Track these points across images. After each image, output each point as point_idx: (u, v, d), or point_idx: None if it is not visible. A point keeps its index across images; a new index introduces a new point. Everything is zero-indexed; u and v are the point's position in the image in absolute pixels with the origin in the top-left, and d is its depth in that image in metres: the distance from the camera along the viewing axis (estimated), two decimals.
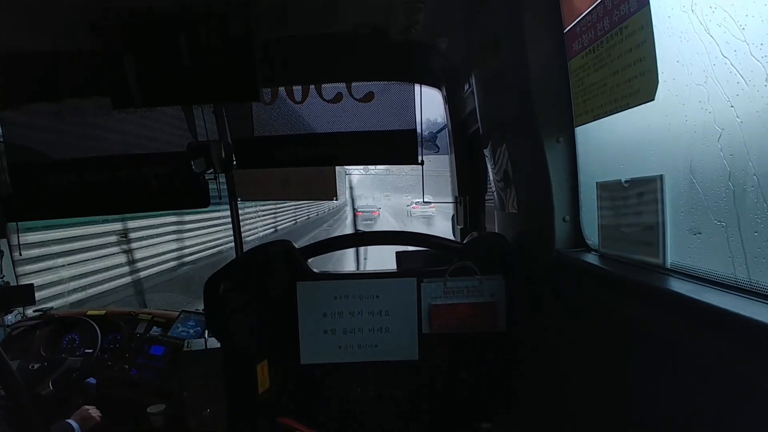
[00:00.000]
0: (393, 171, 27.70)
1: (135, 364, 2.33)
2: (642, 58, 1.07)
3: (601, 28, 1.21)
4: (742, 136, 0.92)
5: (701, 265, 1.05)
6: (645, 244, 1.19)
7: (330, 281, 1.82)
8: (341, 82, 2.38)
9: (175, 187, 2.46)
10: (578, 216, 1.53)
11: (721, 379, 0.85)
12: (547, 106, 1.49)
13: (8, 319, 2.55)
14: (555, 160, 1.50)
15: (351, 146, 2.44)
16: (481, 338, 1.80)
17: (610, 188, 1.33)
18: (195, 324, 2.47)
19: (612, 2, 1.15)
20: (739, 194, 0.94)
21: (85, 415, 2.00)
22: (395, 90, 2.38)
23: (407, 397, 1.84)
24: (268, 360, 1.78)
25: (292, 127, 2.47)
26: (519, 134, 1.68)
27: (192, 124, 2.41)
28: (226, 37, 1.86)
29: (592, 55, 1.27)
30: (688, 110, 1.04)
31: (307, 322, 1.81)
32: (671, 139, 1.12)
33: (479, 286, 1.79)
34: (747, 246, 0.93)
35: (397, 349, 1.81)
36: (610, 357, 1.27)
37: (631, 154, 1.30)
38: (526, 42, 1.48)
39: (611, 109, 1.22)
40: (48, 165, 2.43)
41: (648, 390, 1.08)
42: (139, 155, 2.45)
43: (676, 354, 0.97)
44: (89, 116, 2.45)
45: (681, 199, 1.11)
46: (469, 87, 2.22)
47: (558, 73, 1.45)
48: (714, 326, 0.86)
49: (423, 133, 2.50)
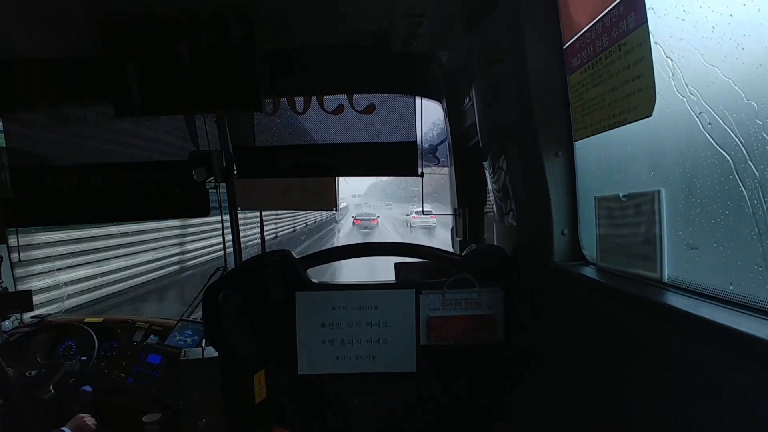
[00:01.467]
0: (394, 180, 27.80)
1: (131, 373, 2.31)
2: (640, 75, 1.08)
3: (600, 45, 1.23)
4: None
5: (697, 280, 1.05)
6: (643, 258, 1.20)
7: (328, 292, 1.82)
8: (342, 94, 2.40)
9: (176, 195, 2.47)
10: (576, 229, 1.54)
11: (717, 392, 0.86)
12: (546, 119, 1.50)
13: (5, 326, 2.54)
14: (554, 173, 1.51)
15: (351, 157, 2.45)
16: (479, 350, 1.79)
17: (608, 202, 1.34)
18: (192, 333, 2.46)
19: (611, 20, 1.17)
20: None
21: (80, 423, 1.98)
22: (396, 102, 2.40)
23: (404, 408, 1.83)
24: (266, 370, 1.77)
25: (294, 138, 2.48)
26: (518, 147, 1.69)
27: (194, 132, 2.42)
28: (229, 47, 1.88)
29: (591, 71, 1.29)
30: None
31: (305, 332, 1.81)
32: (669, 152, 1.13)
33: (477, 299, 1.79)
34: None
35: (395, 360, 1.81)
36: (607, 369, 1.27)
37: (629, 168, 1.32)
38: (526, 56, 1.50)
39: (609, 124, 1.23)
40: (49, 171, 2.44)
41: (644, 402, 1.08)
42: (140, 163, 2.47)
43: (673, 367, 0.98)
44: (91, 123, 2.46)
45: (678, 213, 1.11)
46: (470, 100, 2.23)
47: (557, 88, 1.47)
48: (710, 340, 0.87)
49: (423, 145, 2.51)
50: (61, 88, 2.29)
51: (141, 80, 1.91)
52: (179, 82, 1.91)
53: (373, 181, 64.41)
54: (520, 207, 1.77)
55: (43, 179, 2.44)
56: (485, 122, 1.99)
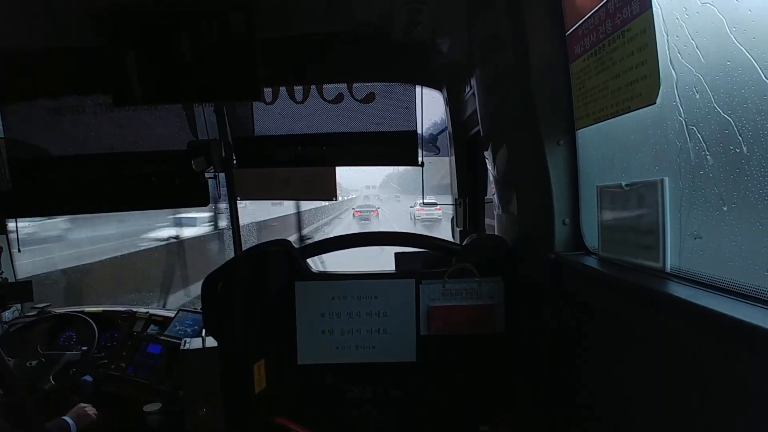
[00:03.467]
0: (411, 170, 27.12)
1: (132, 363, 2.31)
2: (644, 62, 1.07)
3: (603, 31, 1.21)
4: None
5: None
6: (645, 247, 1.18)
7: (328, 281, 1.82)
8: (342, 83, 2.38)
9: (175, 185, 2.46)
10: (578, 219, 1.53)
11: (719, 382, 0.85)
12: (548, 108, 1.49)
13: (5, 316, 2.55)
14: (556, 162, 1.50)
15: (351, 147, 2.43)
16: (479, 340, 1.79)
17: (610, 191, 1.33)
18: (192, 323, 2.46)
19: (614, 5, 1.15)
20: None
21: (81, 413, 1.99)
22: (396, 91, 2.38)
23: (405, 398, 1.84)
24: (266, 360, 1.77)
25: (293, 127, 2.46)
26: (520, 136, 1.68)
27: (193, 122, 2.41)
28: (228, 36, 1.85)
29: (594, 58, 1.27)
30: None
31: (305, 322, 1.81)
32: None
33: (478, 288, 1.78)
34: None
35: (395, 350, 1.81)
36: (608, 359, 1.26)
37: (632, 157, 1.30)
38: (528, 44, 1.48)
39: (612, 112, 1.21)
40: (48, 162, 2.43)
41: (646, 392, 1.08)
42: (139, 153, 2.45)
43: (675, 357, 0.97)
44: (90, 113, 2.44)
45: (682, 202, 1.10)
46: (471, 89, 2.21)
47: (560, 76, 1.45)
48: (713, 330, 0.86)
49: (423, 134, 2.50)
50: (59, 78, 2.28)
51: (140, 70, 1.89)
52: (178, 71, 1.89)
53: (389, 171, 62.35)
54: (521, 197, 1.76)
55: (42, 169, 2.43)
56: (486, 111, 1.97)
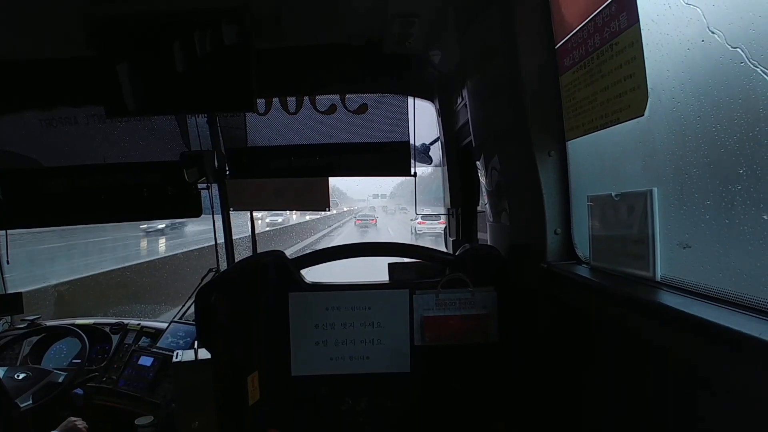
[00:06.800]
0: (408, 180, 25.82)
1: (123, 375, 2.28)
2: (632, 74, 1.09)
3: (592, 45, 1.23)
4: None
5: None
6: (635, 257, 1.20)
7: (322, 292, 1.81)
8: (335, 94, 2.40)
9: (168, 196, 2.45)
10: (570, 229, 1.54)
11: (710, 389, 0.86)
12: (539, 119, 1.51)
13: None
14: (547, 173, 1.52)
15: (344, 157, 2.45)
16: (473, 350, 1.79)
17: (600, 201, 1.34)
18: (185, 335, 2.43)
19: (602, 19, 1.17)
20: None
21: (71, 427, 1.95)
22: (389, 102, 2.40)
23: (399, 409, 1.83)
24: (259, 371, 1.76)
25: (286, 138, 2.47)
26: (511, 147, 1.69)
27: (185, 133, 2.41)
28: (221, 47, 1.86)
29: (583, 71, 1.29)
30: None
31: (299, 333, 1.80)
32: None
33: (471, 298, 1.79)
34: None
35: (389, 360, 1.80)
36: (601, 368, 1.27)
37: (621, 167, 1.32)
38: (518, 56, 1.50)
39: (602, 123, 1.23)
40: (39, 173, 2.42)
41: (639, 400, 1.08)
42: (131, 164, 2.45)
43: (666, 364, 0.98)
44: (82, 123, 2.44)
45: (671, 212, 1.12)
46: (462, 100, 2.24)
47: (550, 87, 1.47)
48: (703, 338, 0.87)
49: (416, 145, 2.51)
50: (51, 89, 2.27)
51: (132, 81, 1.89)
52: (171, 82, 1.90)
53: (399, 180, 60.78)
54: (513, 207, 1.77)
55: (33, 181, 2.41)
56: (478, 122, 1.99)
